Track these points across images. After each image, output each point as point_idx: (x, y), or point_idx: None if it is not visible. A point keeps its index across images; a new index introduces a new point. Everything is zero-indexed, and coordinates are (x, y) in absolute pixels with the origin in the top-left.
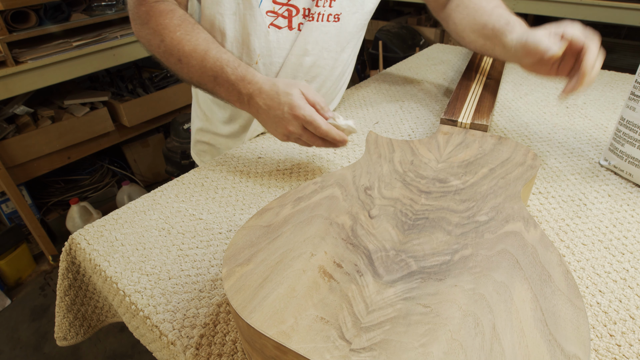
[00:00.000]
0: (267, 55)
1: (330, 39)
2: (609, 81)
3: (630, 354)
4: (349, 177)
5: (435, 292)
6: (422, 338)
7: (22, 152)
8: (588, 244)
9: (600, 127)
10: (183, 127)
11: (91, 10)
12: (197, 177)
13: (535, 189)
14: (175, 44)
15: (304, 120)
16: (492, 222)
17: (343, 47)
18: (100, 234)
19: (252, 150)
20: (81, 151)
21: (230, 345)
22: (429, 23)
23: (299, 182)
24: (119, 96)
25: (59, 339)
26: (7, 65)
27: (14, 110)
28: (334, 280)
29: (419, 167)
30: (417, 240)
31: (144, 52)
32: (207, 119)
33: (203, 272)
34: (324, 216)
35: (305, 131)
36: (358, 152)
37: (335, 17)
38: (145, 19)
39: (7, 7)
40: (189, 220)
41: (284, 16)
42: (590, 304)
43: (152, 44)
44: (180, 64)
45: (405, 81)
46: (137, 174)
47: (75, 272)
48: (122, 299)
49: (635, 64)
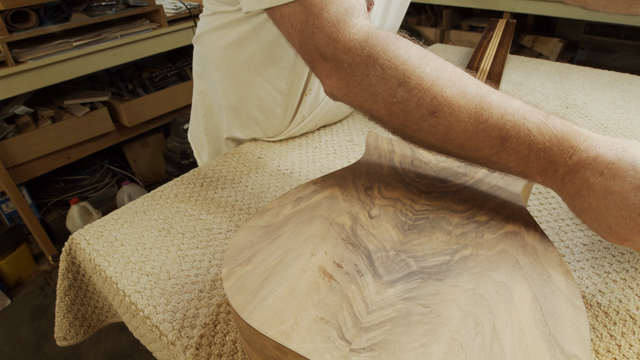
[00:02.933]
0: (316, 89)
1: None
2: (609, 81)
3: (630, 354)
4: (349, 177)
5: (435, 292)
6: (422, 338)
7: (22, 152)
8: (588, 244)
9: (600, 127)
10: (183, 127)
11: (91, 10)
12: (197, 177)
13: (535, 189)
14: (427, 87)
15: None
16: (492, 222)
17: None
18: (100, 234)
19: (252, 150)
20: (81, 151)
21: (230, 345)
22: (429, 23)
23: (299, 182)
24: (119, 96)
25: (59, 339)
26: (7, 65)
27: (14, 110)
28: (334, 280)
29: (419, 167)
30: (417, 241)
31: (144, 52)
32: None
33: (203, 272)
34: (324, 216)
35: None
36: (358, 152)
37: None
38: (367, 58)
39: (7, 7)
40: (189, 220)
41: None
42: (590, 304)
43: (379, 92)
44: (434, 118)
45: None
46: (137, 174)
47: (75, 272)
48: (122, 299)
49: (635, 64)
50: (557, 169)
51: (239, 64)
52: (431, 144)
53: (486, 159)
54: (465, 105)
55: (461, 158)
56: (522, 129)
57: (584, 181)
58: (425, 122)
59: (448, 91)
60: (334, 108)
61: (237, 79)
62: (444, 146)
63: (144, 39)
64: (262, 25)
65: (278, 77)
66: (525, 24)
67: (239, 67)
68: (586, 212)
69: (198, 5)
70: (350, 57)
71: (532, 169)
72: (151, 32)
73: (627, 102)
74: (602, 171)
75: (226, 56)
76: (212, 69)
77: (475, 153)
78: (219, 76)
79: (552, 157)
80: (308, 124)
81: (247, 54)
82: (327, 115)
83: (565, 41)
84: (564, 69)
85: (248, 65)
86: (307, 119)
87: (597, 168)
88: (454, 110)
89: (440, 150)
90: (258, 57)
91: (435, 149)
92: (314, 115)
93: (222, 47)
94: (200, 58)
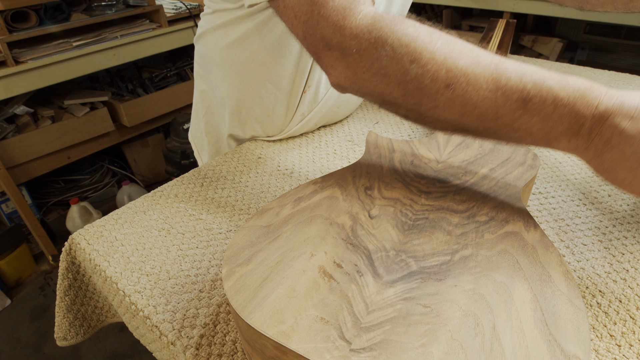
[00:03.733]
0: (315, 86)
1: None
2: (609, 81)
3: (630, 354)
4: (349, 177)
5: (435, 292)
6: (422, 338)
7: (22, 152)
8: (588, 244)
9: None
10: (183, 127)
11: (91, 10)
12: (197, 177)
13: (535, 189)
14: (441, 61)
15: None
16: (492, 222)
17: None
18: (100, 234)
19: (252, 150)
20: (81, 151)
21: (230, 345)
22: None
23: (299, 182)
24: (119, 96)
25: (59, 339)
26: (7, 65)
27: (14, 110)
28: (334, 280)
29: (419, 167)
30: (417, 241)
31: (144, 52)
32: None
33: (203, 272)
34: (324, 216)
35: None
36: (358, 152)
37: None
38: (376, 40)
39: (7, 7)
40: (189, 220)
41: None
42: (590, 304)
43: (391, 73)
44: (450, 91)
45: None
46: (137, 174)
47: (75, 272)
48: (122, 299)
49: (635, 64)
50: (584, 123)
51: (241, 62)
52: (448, 120)
53: (507, 127)
54: (482, 73)
55: (479, 132)
56: (543, 87)
57: (614, 129)
58: (442, 96)
59: (462, 62)
60: (334, 107)
61: (239, 77)
62: (462, 120)
63: (144, 39)
64: (264, 23)
65: (280, 75)
66: (525, 24)
67: (241, 65)
68: (618, 164)
69: (198, 5)
70: (358, 42)
71: (556, 129)
72: (151, 32)
73: None
74: (632, 115)
75: (228, 55)
76: (213, 68)
77: (496, 122)
78: (221, 75)
79: (577, 111)
80: (308, 122)
81: (250, 52)
82: (327, 115)
83: (565, 41)
84: (564, 69)
85: (250, 63)
86: (307, 118)
87: (627, 113)
88: (471, 80)
89: (457, 127)
90: (261, 55)
91: (451, 126)
92: (314, 114)
93: (224, 45)
94: (202, 58)
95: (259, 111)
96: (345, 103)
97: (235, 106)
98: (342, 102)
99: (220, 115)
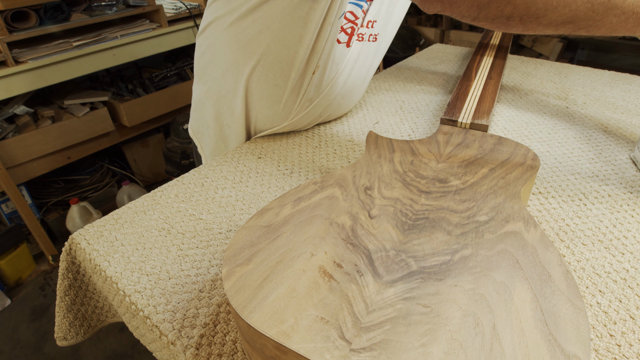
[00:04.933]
0: (323, 67)
1: (367, 57)
2: (609, 81)
3: (630, 354)
4: (349, 177)
5: (435, 292)
6: (422, 338)
7: (22, 152)
8: (588, 244)
9: (600, 127)
10: (183, 127)
11: (91, 10)
12: (197, 177)
13: (535, 189)
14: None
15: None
16: (492, 222)
17: (374, 64)
18: (100, 234)
19: (252, 150)
20: (81, 151)
21: (230, 345)
22: (429, 23)
23: (299, 182)
24: (119, 96)
25: (59, 339)
26: (7, 65)
27: (14, 110)
28: (334, 280)
29: (419, 167)
30: (417, 240)
31: (144, 52)
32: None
33: (203, 272)
34: (324, 216)
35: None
36: (358, 152)
37: (374, 37)
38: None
39: (7, 7)
40: (189, 220)
41: (346, 32)
42: (590, 304)
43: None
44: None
45: (405, 81)
46: (137, 174)
47: (75, 272)
48: (122, 299)
49: (635, 64)
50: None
51: (246, 41)
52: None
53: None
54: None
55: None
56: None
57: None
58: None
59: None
60: (339, 97)
61: (243, 62)
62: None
63: (144, 39)
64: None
65: (294, 50)
66: None
67: (246, 45)
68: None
69: (198, 5)
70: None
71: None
72: (151, 32)
73: (627, 102)
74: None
75: (233, 35)
76: (215, 59)
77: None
78: (224, 65)
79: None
80: (313, 110)
81: (258, 27)
82: (332, 105)
83: (565, 41)
84: (564, 69)
85: (258, 37)
86: (313, 104)
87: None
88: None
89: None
90: (274, 27)
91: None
92: (319, 102)
93: (228, 24)
94: (203, 53)
95: (265, 96)
96: (349, 94)
97: (238, 97)
98: (346, 92)
99: (221, 107)
